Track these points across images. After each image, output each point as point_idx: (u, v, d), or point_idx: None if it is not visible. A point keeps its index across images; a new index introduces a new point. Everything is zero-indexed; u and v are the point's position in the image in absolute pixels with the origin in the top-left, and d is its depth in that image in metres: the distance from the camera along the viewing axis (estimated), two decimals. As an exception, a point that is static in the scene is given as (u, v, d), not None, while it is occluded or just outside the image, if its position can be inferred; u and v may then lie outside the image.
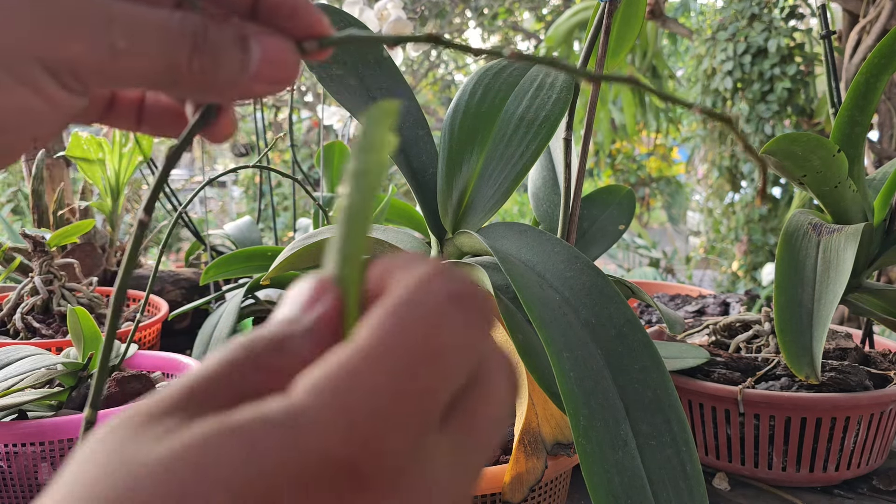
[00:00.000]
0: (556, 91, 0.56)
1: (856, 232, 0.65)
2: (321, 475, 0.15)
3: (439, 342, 0.17)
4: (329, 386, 0.16)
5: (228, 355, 0.18)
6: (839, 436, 0.65)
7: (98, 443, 0.16)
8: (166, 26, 0.22)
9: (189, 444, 0.15)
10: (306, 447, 0.15)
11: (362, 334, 0.17)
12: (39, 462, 0.57)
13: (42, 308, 0.83)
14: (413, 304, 0.18)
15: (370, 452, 0.16)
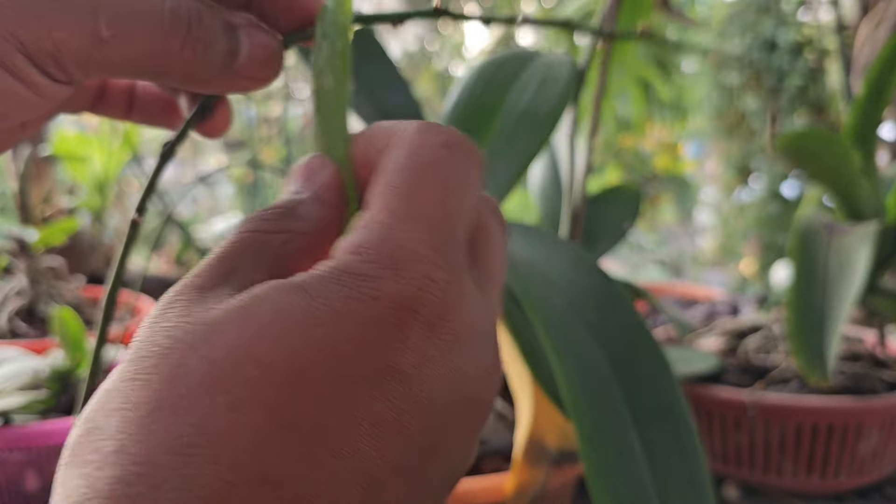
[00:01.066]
0: (560, 85, 0.54)
1: (869, 231, 0.64)
2: (378, 314, 0.17)
3: (447, 186, 0.19)
4: (369, 243, 0.18)
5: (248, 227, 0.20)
6: (851, 442, 0.63)
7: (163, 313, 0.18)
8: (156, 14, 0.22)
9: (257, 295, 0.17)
10: (362, 294, 0.17)
11: (382, 195, 0.19)
12: (26, 469, 0.55)
13: (27, 309, 0.81)
14: (416, 157, 0.20)
15: (419, 286, 0.18)
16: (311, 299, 0.17)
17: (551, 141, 0.71)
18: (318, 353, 0.16)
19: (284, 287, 0.17)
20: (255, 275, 0.19)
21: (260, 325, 0.17)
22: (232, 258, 0.19)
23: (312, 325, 0.17)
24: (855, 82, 0.88)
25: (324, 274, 0.18)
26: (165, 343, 0.17)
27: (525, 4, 3.08)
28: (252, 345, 0.16)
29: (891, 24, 0.86)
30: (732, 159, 2.63)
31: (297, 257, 0.20)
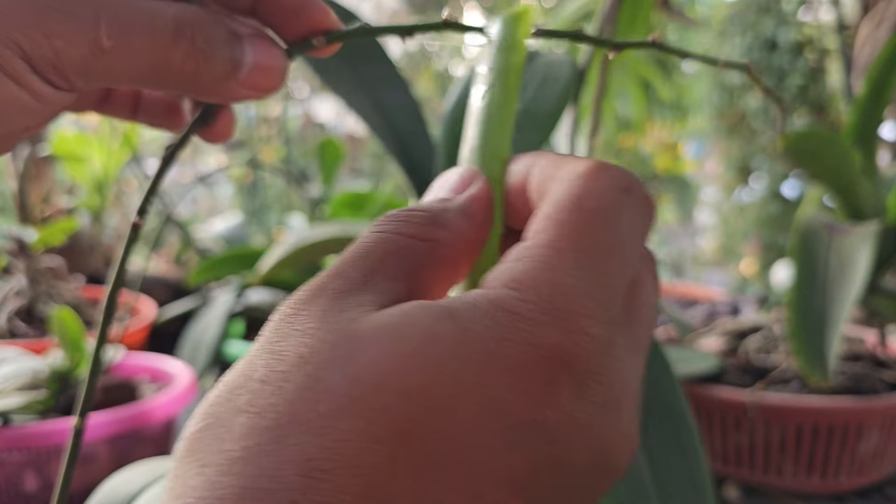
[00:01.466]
0: (560, 84, 0.54)
1: (870, 231, 0.64)
2: (531, 362, 0.16)
3: (620, 234, 0.18)
4: (529, 280, 0.17)
5: (392, 228, 0.19)
6: (852, 442, 0.63)
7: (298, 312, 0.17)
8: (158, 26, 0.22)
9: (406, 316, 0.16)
10: (517, 336, 0.16)
11: (547, 230, 0.18)
12: (26, 469, 0.55)
13: (27, 309, 0.81)
14: (591, 197, 0.18)
15: (576, 341, 0.16)
16: (464, 333, 0.16)
17: (551, 141, 0.71)
18: (465, 394, 0.15)
19: (435, 312, 0.16)
20: (394, 283, 0.18)
21: (408, 351, 0.16)
22: (372, 260, 0.18)
23: (463, 362, 0.16)
24: (855, 82, 0.88)
25: (478, 304, 0.17)
26: (301, 349, 0.16)
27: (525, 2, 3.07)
28: (399, 372, 0.15)
29: (891, 24, 0.86)
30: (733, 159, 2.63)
31: (437, 270, 0.19)
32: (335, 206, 0.95)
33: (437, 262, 0.19)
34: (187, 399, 0.63)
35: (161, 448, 0.61)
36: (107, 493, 0.41)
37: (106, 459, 0.56)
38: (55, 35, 0.20)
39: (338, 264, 0.18)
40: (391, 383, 0.15)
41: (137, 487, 0.41)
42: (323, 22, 0.25)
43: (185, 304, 0.95)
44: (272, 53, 0.24)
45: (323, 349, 0.16)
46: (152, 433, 0.59)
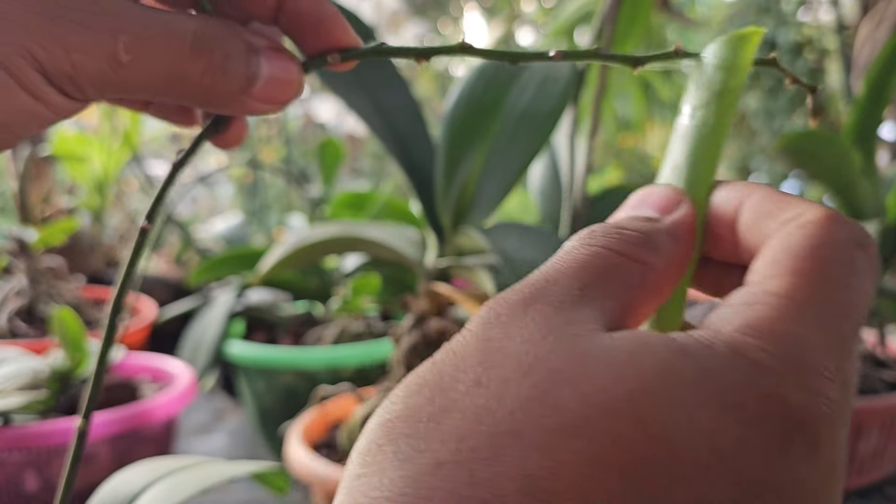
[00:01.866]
0: (560, 84, 0.54)
1: (869, 231, 0.64)
2: (769, 417, 0.15)
3: (855, 293, 0.17)
4: (767, 329, 0.16)
5: (607, 244, 0.18)
6: (851, 442, 0.63)
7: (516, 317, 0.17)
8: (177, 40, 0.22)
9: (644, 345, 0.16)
10: (757, 388, 0.15)
11: (783, 276, 0.17)
12: (26, 469, 0.55)
13: (27, 309, 0.81)
14: (829, 249, 0.17)
15: (816, 402, 0.16)
16: (703, 372, 0.15)
17: (551, 141, 0.71)
18: (696, 437, 0.15)
19: (671, 345, 0.16)
20: (609, 301, 0.18)
21: (646, 381, 0.15)
22: (589, 274, 0.18)
23: (698, 405, 0.15)
24: (855, 82, 0.88)
25: (714, 346, 0.16)
26: (524, 357, 0.16)
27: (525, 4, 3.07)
28: (635, 400, 0.15)
29: (891, 24, 0.86)
30: (732, 159, 2.63)
31: (644, 294, 0.19)
32: (335, 207, 0.94)
33: (645, 285, 0.18)
34: (188, 399, 0.63)
35: (162, 448, 0.61)
36: (107, 492, 0.41)
37: (107, 459, 0.56)
38: (73, 48, 0.20)
39: (551, 272, 0.18)
40: (626, 410, 0.14)
41: (138, 487, 0.41)
42: (342, 39, 0.25)
43: (186, 304, 0.95)
44: (288, 67, 0.23)
45: (551, 360, 0.15)
46: (153, 433, 0.59)
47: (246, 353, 0.74)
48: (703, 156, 0.20)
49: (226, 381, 0.90)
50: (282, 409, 0.73)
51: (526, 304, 0.17)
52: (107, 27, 0.21)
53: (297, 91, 0.24)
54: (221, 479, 0.39)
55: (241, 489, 0.65)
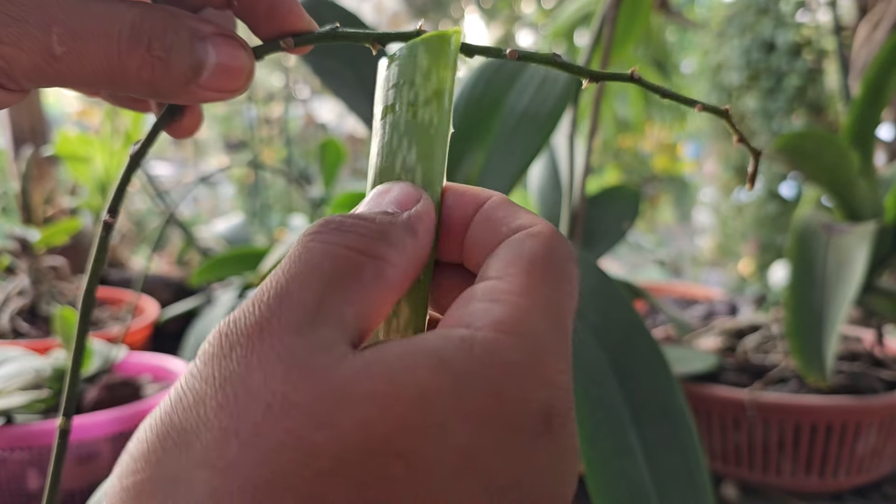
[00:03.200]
0: (560, 85, 0.54)
1: (867, 231, 0.64)
2: (522, 421, 0.16)
3: (572, 298, 0.19)
4: (514, 326, 0.17)
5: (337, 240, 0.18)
6: (850, 441, 0.63)
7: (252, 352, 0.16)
8: (112, 33, 0.21)
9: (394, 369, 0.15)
10: (511, 393, 0.16)
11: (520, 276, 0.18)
12: (28, 468, 0.55)
13: (29, 309, 0.81)
14: (558, 264, 0.19)
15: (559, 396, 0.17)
16: (462, 389, 0.15)
17: (551, 141, 0.71)
18: (462, 456, 0.15)
19: (427, 361, 0.16)
20: (348, 307, 0.17)
21: (403, 411, 0.15)
22: (323, 280, 0.17)
23: (459, 420, 0.15)
24: (853, 83, 0.88)
25: (473, 352, 0.16)
26: (270, 398, 0.15)
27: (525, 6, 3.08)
28: (394, 436, 0.14)
29: (889, 26, 0.86)
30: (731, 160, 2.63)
31: (383, 291, 0.18)
32: (336, 207, 0.94)
33: (384, 282, 0.18)
34: (189, 398, 0.63)
35: (163, 447, 0.61)
36: (110, 490, 0.41)
37: (108, 458, 0.57)
38: (5, 41, 0.20)
39: (283, 281, 0.17)
40: (384, 447, 0.14)
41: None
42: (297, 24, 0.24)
43: (188, 303, 0.95)
44: (237, 54, 0.22)
45: (302, 402, 0.15)
46: (154, 432, 0.60)
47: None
48: (433, 155, 0.21)
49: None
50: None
51: (261, 330, 0.16)
52: (40, 20, 0.20)
53: (248, 78, 0.23)
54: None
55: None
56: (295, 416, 0.14)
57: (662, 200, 3.12)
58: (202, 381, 0.16)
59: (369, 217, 0.19)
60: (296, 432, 0.14)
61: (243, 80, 0.23)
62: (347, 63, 0.54)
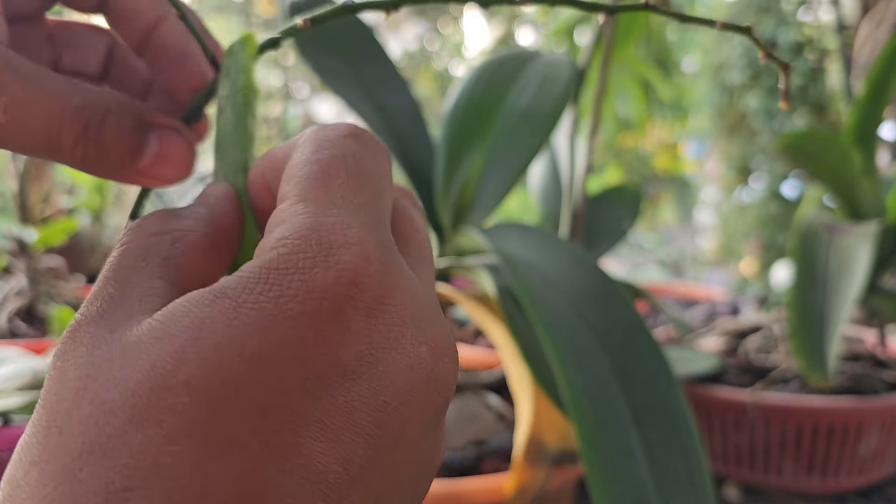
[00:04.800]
0: (560, 84, 0.54)
1: (870, 231, 0.64)
2: (313, 310, 0.16)
3: (362, 170, 0.19)
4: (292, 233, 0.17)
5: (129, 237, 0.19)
6: (852, 442, 0.63)
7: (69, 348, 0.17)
8: (55, 110, 0.22)
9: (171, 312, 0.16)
10: (293, 289, 0.16)
11: (296, 187, 0.18)
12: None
13: (27, 309, 0.81)
14: (324, 149, 0.19)
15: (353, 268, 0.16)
16: (238, 306, 0.16)
17: (551, 141, 0.71)
18: (253, 365, 0.15)
19: (203, 297, 0.16)
20: (152, 282, 0.18)
21: (181, 344, 0.15)
22: (123, 270, 0.18)
23: (242, 336, 0.15)
24: (855, 82, 0.88)
25: (248, 275, 0.16)
26: (79, 381, 0.16)
27: (525, 4, 3.06)
28: (176, 368, 0.15)
29: (891, 24, 0.86)
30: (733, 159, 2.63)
31: (192, 258, 0.19)
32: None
33: (187, 249, 0.19)
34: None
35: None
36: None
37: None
38: None
39: (94, 289, 0.18)
40: (172, 382, 0.15)
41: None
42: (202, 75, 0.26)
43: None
44: (178, 146, 0.24)
45: (100, 372, 0.15)
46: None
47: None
48: (231, 149, 0.22)
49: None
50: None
51: (73, 331, 0.17)
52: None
53: (188, 169, 0.25)
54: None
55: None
56: (93, 387, 0.15)
57: (664, 200, 3.12)
58: (40, 402, 0.17)
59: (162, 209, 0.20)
60: (97, 400, 0.15)
61: (183, 169, 0.24)
62: (347, 61, 0.54)
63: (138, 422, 0.14)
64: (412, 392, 0.17)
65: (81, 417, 0.15)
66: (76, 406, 0.15)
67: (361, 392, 0.16)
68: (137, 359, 0.15)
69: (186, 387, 0.15)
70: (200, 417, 0.15)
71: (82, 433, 0.15)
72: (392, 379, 0.16)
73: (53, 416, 0.15)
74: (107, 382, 0.15)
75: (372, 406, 0.16)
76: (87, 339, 0.16)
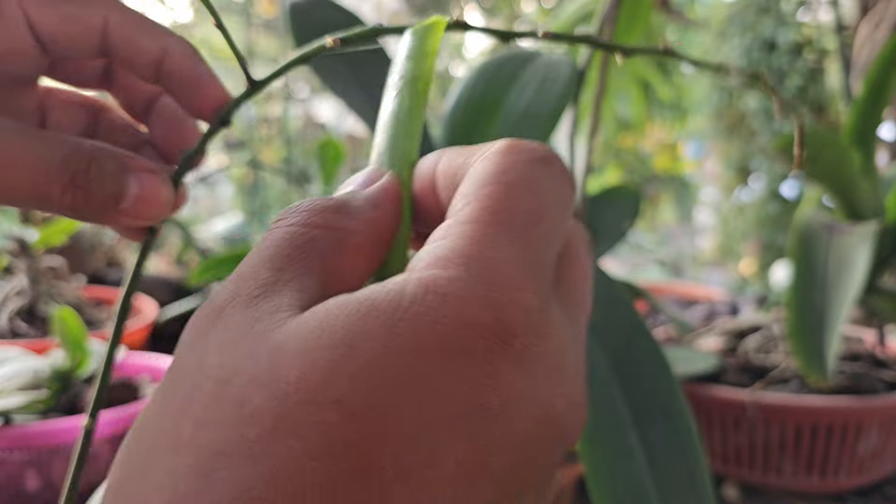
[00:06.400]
0: (560, 85, 0.54)
1: (869, 231, 0.64)
2: (467, 346, 0.15)
3: (542, 204, 0.18)
4: (455, 257, 0.16)
5: (293, 221, 0.18)
6: (851, 442, 0.63)
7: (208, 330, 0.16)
8: (42, 165, 0.23)
9: (326, 319, 0.15)
10: (450, 320, 0.15)
11: (469, 206, 0.17)
12: (27, 469, 0.55)
13: (28, 309, 0.81)
14: (509, 172, 0.18)
15: (510, 314, 0.16)
16: (393, 325, 0.15)
17: (551, 141, 0.71)
18: (401, 392, 0.15)
19: (356, 308, 0.15)
20: (306, 278, 0.17)
21: (333, 358, 0.15)
22: (280, 256, 0.17)
23: (394, 357, 0.15)
24: (854, 82, 0.88)
25: (405, 290, 0.16)
26: (219, 372, 0.15)
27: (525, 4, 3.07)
28: (326, 384, 0.14)
29: (890, 24, 0.86)
30: (732, 159, 2.63)
31: (347, 260, 0.18)
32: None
33: (347, 251, 0.18)
34: (188, 399, 0.63)
35: (162, 448, 0.61)
36: (108, 492, 0.41)
37: (107, 459, 0.56)
38: None
39: (245, 267, 0.18)
40: (320, 397, 0.14)
41: (139, 486, 0.41)
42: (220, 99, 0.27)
43: (187, 304, 0.95)
44: (157, 188, 0.25)
45: (243, 369, 0.15)
46: (153, 433, 0.59)
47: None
48: (402, 138, 0.22)
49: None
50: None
51: (219, 311, 0.17)
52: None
53: (167, 209, 0.25)
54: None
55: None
56: (237, 382, 0.15)
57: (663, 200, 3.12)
58: (172, 368, 0.16)
59: (328, 197, 0.19)
60: (238, 399, 0.15)
61: (161, 209, 0.25)
62: (347, 62, 0.54)
63: (282, 432, 0.14)
64: (543, 442, 0.16)
65: (221, 414, 0.15)
66: (215, 400, 0.15)
67: (500, 438, 0.15)
68: (287, 365, 0.15)
69: (335, 405, 0.14)
70: (343, 438, 0.14)
71: (221, 431, 0.14)
72: (527, 426, 0.16)
73: (189, 404, 0.15)
74: (251, 382, 0.15)
75: (508, 453, 0.15)
76: (232, 325, 0.16)
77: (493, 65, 0.56)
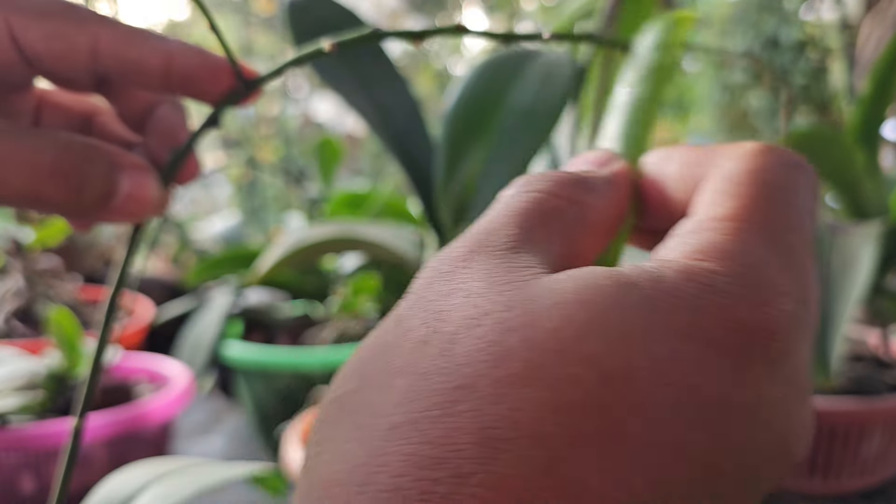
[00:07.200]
0: (561, 84, 0.53)
1: (873, 231, 0.63)
2: (727, 339, 0.15)
3: (800, 211, 0.17)
4: (717, 252, 0.16)
5: (540, 188, 0.18)
6: (854, 443, 0.62)
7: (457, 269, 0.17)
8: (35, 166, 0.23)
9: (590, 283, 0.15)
10: (713, 310, 0.15)
11: (724, 202, 0.17)
12: (22, 471, 0.55)
13: (24, 310, 0.81)
14: (767, 172, 0.18)
15: (774, 318, 0.16)
16: (653, 302, 0.15)
17: (552, 140, 0.70)
18: (654, 367, 0.14)
19: (618, 279, 0.15)
20: (551, 244, 0.17)
21: (593, 317, 0.15)
22: (529, 218, 0.18)
23: (653, 333, 0.15)
24: (858, 80, 0.87)
25: (663, 275, 0.16)
26: (469, 310, 0.15)
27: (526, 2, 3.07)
28: (583, 339, 0.14)
29: (894, 22, 0.85)
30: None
31: (586, 235, 0.19)
32: (334, 206, 0.94)
33: (586, 225, 0.18)
34: (185, 400, 0.62)
35: (158, 449, 0.61)
36: (103, 495, 0.40)
37: (103, 461, 0.56)
38: None
39: (490, 222, 0.18)
40: (574, 351, 0.14)
41: (134, 489, 0.40)
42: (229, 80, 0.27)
43: (183, 304, 0.94)
44: (147, 185, 0.25)
45: (496, 310, 0.15)
46: (150, 435, 0.59)
47: (244, 354, 0.74)
48: (637, 125, 0.22)
49: (223, 382, 0.89)
50: (280, 410, 0.73)
51: (466, 256, 0.17)
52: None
53: (156, 206, 0.26)
54: (218, 482, 0.39)
55: (237, 491, 0.65)
56: (489, 324, 0.15)
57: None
58: (411, 302, 0.17)
59: (569, 171, 0.19)
60: (488, 338, 0.15)
61: (152, 207, 0.26)
62: (346, 60, 0.54)
63: (530, 378, 0.14)
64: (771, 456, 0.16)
65: (467, 349, 0.15)
66: (461, 335, 0.15)
67: (735, 441, 0.15)
68: (543, 315, 0.15)
69: (590, 363, 0.14)
70: (593, 399, 0.14)
71: (464, 366, 0.14)
72: (763, 437, 0.15)
73: (432, 334, 0.15)
74: (501, 325, 0.15)
75: (737, 456, 0.15)
76: (482, 269, 0.16)
77: (494, 63, 0.56)
